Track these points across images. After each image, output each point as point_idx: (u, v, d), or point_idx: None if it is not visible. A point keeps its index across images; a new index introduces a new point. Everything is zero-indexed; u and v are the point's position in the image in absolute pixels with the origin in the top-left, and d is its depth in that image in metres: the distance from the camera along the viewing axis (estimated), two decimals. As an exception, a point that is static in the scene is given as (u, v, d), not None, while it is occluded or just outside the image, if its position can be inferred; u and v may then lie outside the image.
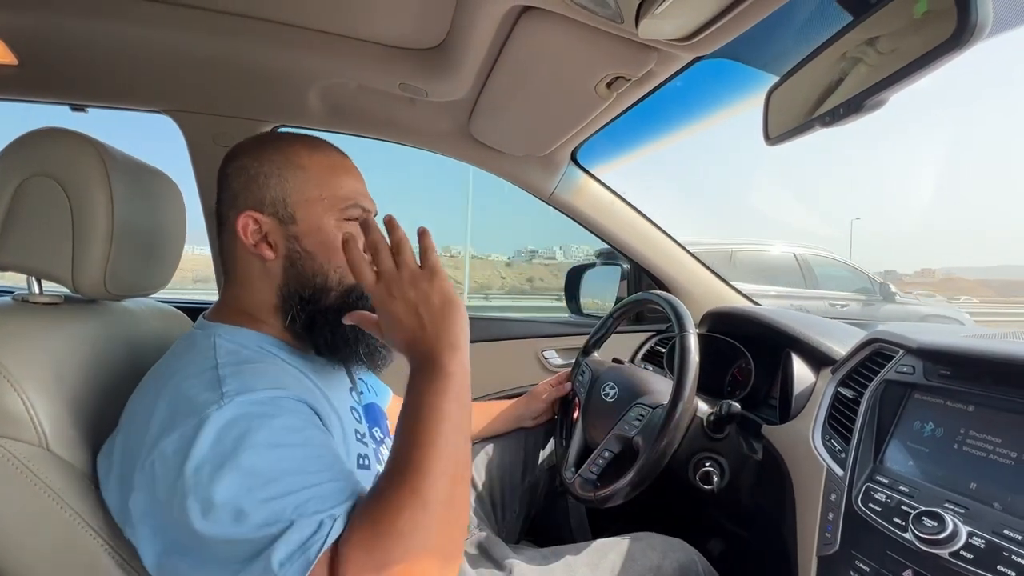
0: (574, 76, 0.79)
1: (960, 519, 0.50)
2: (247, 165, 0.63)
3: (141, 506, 0.51)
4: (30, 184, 0.61)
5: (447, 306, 0.54)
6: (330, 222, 0.63)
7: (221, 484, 0.45)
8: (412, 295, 0.54)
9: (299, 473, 0.48)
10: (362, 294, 0.64)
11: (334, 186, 0.63)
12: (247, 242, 0.62)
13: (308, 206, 0.62)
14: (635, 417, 0.86)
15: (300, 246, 0.62)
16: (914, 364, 0.65)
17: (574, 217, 1.36)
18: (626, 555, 0.80)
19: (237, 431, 0.48)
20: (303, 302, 0.62)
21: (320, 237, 0.62)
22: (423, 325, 0.54)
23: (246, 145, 0.66)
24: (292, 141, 0.65)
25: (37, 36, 0.87)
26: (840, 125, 0.54)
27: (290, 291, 0.63)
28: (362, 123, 1.18)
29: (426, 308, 0.54)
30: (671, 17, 0.57)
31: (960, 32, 0.39)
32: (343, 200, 0.64)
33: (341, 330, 0.63)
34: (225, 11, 0.83)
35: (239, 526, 0.45)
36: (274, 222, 0.62)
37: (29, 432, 0.55)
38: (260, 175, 0.62)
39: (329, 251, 0.62)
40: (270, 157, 0.63)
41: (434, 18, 0.79)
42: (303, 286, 0.62)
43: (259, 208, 0.62)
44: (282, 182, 0.62)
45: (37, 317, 0.62)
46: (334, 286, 0.63)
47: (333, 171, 0.64)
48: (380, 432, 0.77)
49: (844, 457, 0.67)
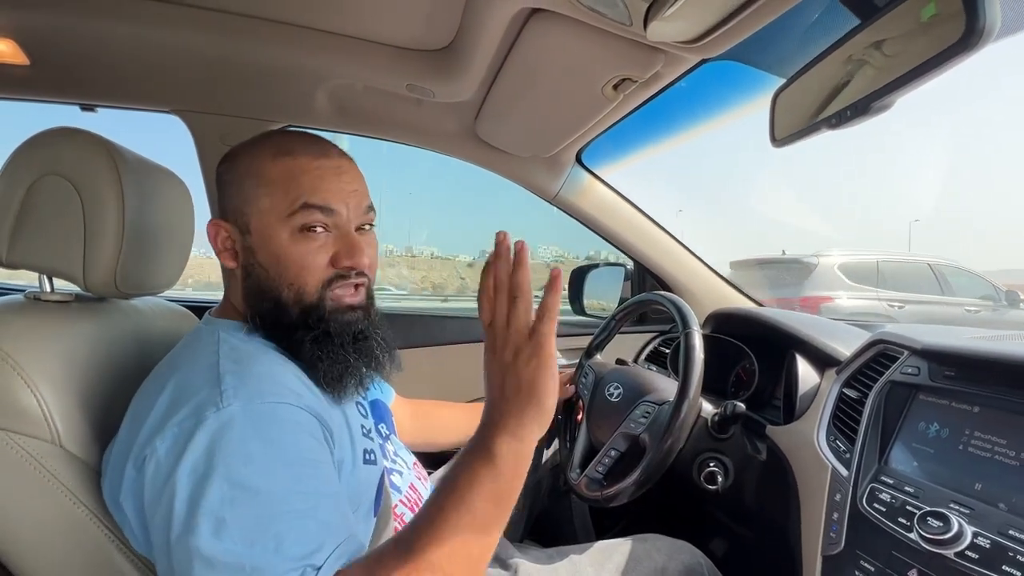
0: (581, 78, 0.80)
1: (965, 519, 0.51)
2: (221, 172, 0.63)
3: (131, 502, 0.51)
4: (42, 183, 0.62)
5: (531, 390, 0.48)
6: (282, 235, 0.58)
7: (209, 492, 0.45)
8: (508, 358, 0.49)
9: (287, 496, 0.47)
10: (325, 315, 0.60)
11: (283, 191, 0.58)
12: (214, 248, 0.62)
13: (260, 217, 0.59)
14: (641, 415, 0.86)
15: (255, 258, 0.60)
16: (919, 365, 0.66)
17: (578, 218, 1.36)
18: (631, 556, 0.80)
19: (232, 438, 0.47)
20: (262, 315, 0.60)
21: (271, 250, 0.59)
22: (502, 396, 0.49)
23: (231, 150, 0.64)
24: (265, 145, 0.61)
25: (48, 37, 0.87)
26: (847, 127, 0.55)
27: (251, 301, 0.61)
28: (368, 123, 1.19)
29: (512, 380, 0.49)
30: (680, 19, 0.57)
31: (968, 35, 0.39)
32: (290, 204, 0.58)
33: (299, 348, 0.59)
34: (234, 12, 0.84)
35: (218, 541, 0.44)
36: (236, 231, 0.61)
37: (42, 428, 0.56)
38: (227, 183, 0.62)
39: (281, 266, 0.58)
40: (236, 164, 0.61)
41: (443, 19, 0.80)
42: (261, 299, 0.60)
43: (224, 216, 0.62)
44: (241, 191, 0.60)
45: (49, 315, 0.63)
46: (291, 303, 0.59)
47: (290, 177, 0.58)
48: (386, 428, 0.77)
49: (849, 457, 0.67)
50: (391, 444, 0.76)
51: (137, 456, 0.50)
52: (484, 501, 0.48)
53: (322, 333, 0.59)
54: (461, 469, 0.49)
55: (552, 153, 1.18)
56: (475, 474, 0.48)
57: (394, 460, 0.74)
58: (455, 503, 0.47)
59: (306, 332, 0.59)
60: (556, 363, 0.50)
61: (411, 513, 0.70)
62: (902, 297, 4.61)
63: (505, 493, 0.49)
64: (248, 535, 0.44)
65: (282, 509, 0.46)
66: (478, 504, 0.47)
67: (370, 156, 1.22)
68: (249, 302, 0.61)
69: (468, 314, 1.47)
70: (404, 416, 0.91)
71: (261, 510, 0.45)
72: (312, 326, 0.59)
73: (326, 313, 0.60)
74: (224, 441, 0.47)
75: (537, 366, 0.48)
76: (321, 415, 0.55)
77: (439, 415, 1.02)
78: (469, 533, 0.47)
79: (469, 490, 0.48)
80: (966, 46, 0.40)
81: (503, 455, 0.48)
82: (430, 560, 0.45)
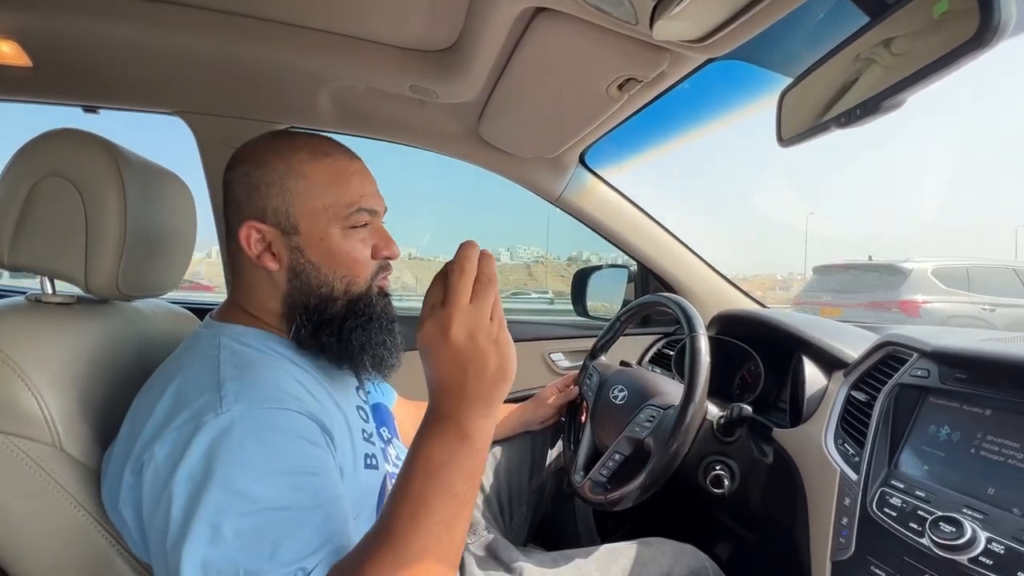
0: (586, 78, 0.79)
1: (978, 525, 0.50)
2: (249, 172, 0.61)
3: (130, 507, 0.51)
4: (44, 185, 0.62)
5: (501, 371, 0.49)
6: (335, 231, 0.61)
7: (206, 499, 0.45)
8: (464, 342, 0.48)
9: (284, 503, 0.46)
10: (373, 300, 0.64)
11: (337, 193, 0.61)
12: (250, 252, 0.60)
13: (311, 216, 0.60)
14: (646, 419, 0.85)
15: (304, 257, 0.61)
16: (929, 367, 0.65)
17: (581, 219, 1.36)
18: (636, 560, 0.80)
19: (230, 445, 0.47)
20: (308, 312, 0.61)
21: (325, 247, 0.61)
22: (466, 378, 0.48)
23: (248, 150, 0.63)
24: (296, 146, 0.62)
25: (51, 39, 0.87)
26: (856, 126, 0.54)
27: (295, 301, 0.61)
28: (372, 125, 1.19)
29: (477, 363, 0.48)
30: (686, 18, 0.56)
31: (983, 31, 0.38)
32: (346, 207, 0.61)
33: (348, 338, 0.62)
34: (237, 13, 0.83)
35: (214, 547, 0.44)
36: (277, 232, 0.60)
37: (43, 431, 0.55)
38: (262, 184, 0.60)
39: (334, 261, 0.61)
40: (272, 165, 0.61)
41: (446, 20, 0.79)
42: (308, 296, 0.61)
43: (261, 218, 0.60)
44: (284, 192, 0.60)
45: (50, 317, 0.63)
46: (340, 295, 0.62)
47: (337, 178, 0.62)
48: (388, 431, 0.77)
49: (858, 461, 0.66)
50: (393, 448, 0.76)
51: (136, 461, 0.49)
52: (464, 481, 0.48)
53: (369, 318, 0.63)
54: (434, 451, 0.48)
55: (556, 154, 1.18)
56: (455, 459, 0.48)
57: (396, 464, 0.74)
58: (436, 489, 0.47)
59: (355, 319, 0.62)
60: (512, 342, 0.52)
61: None
62: (993, 301, 4.75)
63: (478, 471, 0.50)
64: (244, 542, 0.44)
65: (279, 516, 0.46)
66: (459, 485, 0.48)
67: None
68: (291, 302, 0.62)
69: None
70: (406, 418, 0.91)
71: (258, 517, 0.45)
72: (360, 313, 0.62)
73: (374, 300, 0.64)
74: (222, 447, 0.46)
75: (503, 346, 0.50)
76: (322, 420, 0.55)
77: None
78: (452, 514, 0.47)
79: (454, 475, 0.48)
80: (980, 43, 0.39)
81: (478, 432, 0.49)
82: (418, 546, 0.45)
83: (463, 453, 0.48)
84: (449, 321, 0.48)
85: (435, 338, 0.49)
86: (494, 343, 0.49)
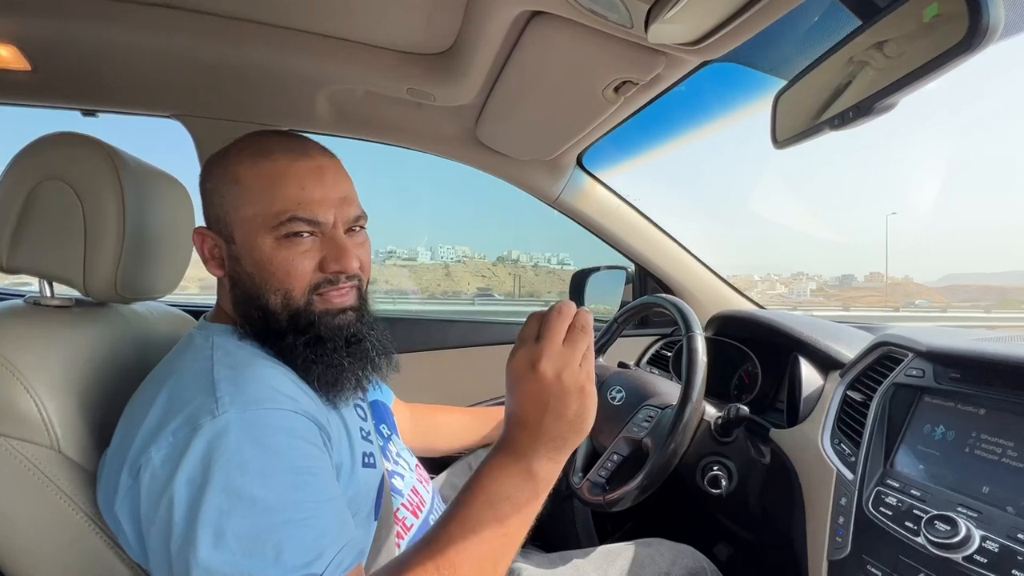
0: (582, 81, 0.80)
1: (973, 523, 0.50)
2: (203, 180, 0.63)
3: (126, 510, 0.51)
4: (43, 188, 0.62)
5: (579, 421, 0.50)
6: (266, 241, 0.57)
7: (207, 503, 0.44)
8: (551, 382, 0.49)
9: (284, 505, 0.46)
10: (312, 321, 0.58)
11: (268, 200, 0.57)
12: (202, 257, 0.62)
13: (243, 224, 0.58)
14: (644, 419, 0.85)
15: (240, 267, 0.59)
16: (924, 367, 0.65)
17: (579, 221, 1.36)
18: (635, 561, 0.80)
19: (228, 447, 0.46)
20: (252, 322, 0.59)
21: (255, 257, 0.58)
22: (542, 418, 0.49)
23: (210, 157, 0.63)
24: (240, 149, 0.60)
25: (50, 43, 0.87)
26: (849, 128, 0.54)
27: (240, 309, 0.61)
28: (369, 127, 1.19)
29: (557, 406, 0.49)
30: (681, 21, 0.57)
31: (971, 35, 0.39)
32: (276, 216, 0.56)
33: (291, 353, 0.58)
34: (235, 16, 0.84)
35: (217, 552, 0.44)
36: (220, 240, 0.60)
37: (41, 434, 0.55)
38: (207, 191, 0.61)
39: (265, 273, 0.57)
40: (213, 171, 0.61)
41: (443, 24, 0.80)
42: (249, 306, 0.59)
43: (208, 225, 0.62)
44: (222, 199, 0.59)
45: (49, 320, 0.63)
46: (278, 309, 0.58)
47: (271, 182, 0.57)
48: (387, 428, 0.77)
49: (854, 461, 0.66)
50: (393, 445, 0.76)
51: (132, 464, 0.49)
52: (520, 520, 0.48)
53: (313, 338, 0.58)
54: (497, 482, 0.49)
55: (553, 156, 1.18)
56: (514, 491, 0.48)
57: (396, 462, 0.74)
58: (492, 520, 0.47)
59: (297, 336, 0.58)
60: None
61: (413, 517, 0.70)
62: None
63: (536, 510, 0.50)
64: (247, 545, 0.44)
65: (280, 518, 0.45)
66: (513, 522, 0.48)
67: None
68: (238, 309, 0.61)
69: (469, 318, 1.47)
70: (404, 420, 0.91)
71: (259, 519, 0.45)
72: (302, 331, 0.58)
73: (315, 318, 0.59)
74: (220, 450, 0.46)
75: (586, 398, 0.50)
76: (318, 419, 0.54)
77: (439, 419, 1.01)
78: (500, 549, 0.48)
79: (508, 507, 0.48)
80: (969, 46, 0.39)
81: (543, 477, 0.49)
82: (463, 570, 0.46)
83: (525, 492, 0.49)
84: (540, 355, 0.49)
85: (523, 369, 0.50)
86: (579, 388, 0.50)
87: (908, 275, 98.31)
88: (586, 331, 0.51)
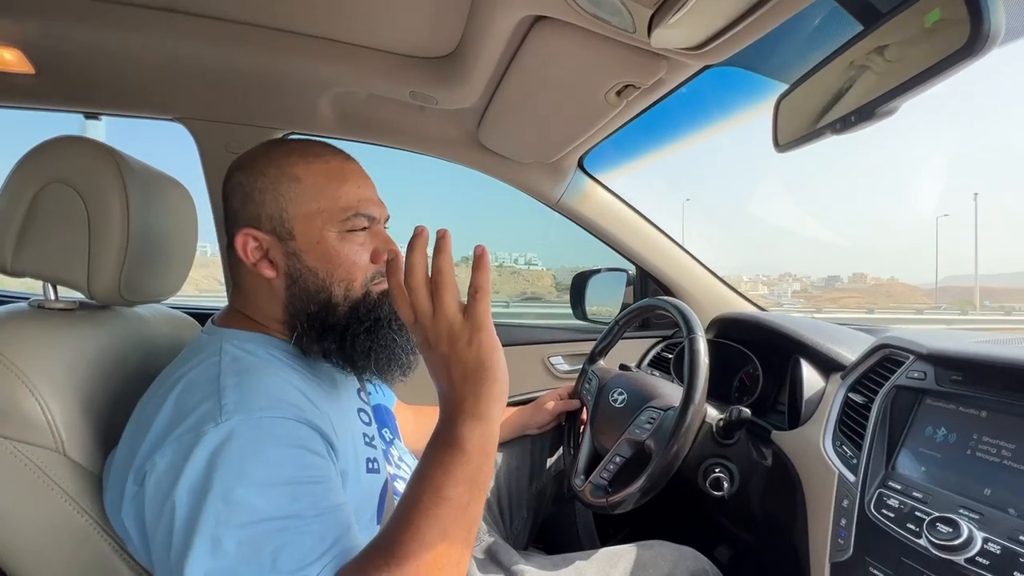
0: (585, 85, 0.80)
1: (975, 525, 0.50)
2: (243, 181, 0.61)
3: (132, 516, 0.51)
4: (48, 191, 0.62)
5: (481, 370, 0.49)
6: (331, 234, 0.60)
7: (206, 511, 0.44)
8: (444, 349, 0.49)
9: (284, 513, 0.46)
10: (374, 304, 0.62)
11: (332, 196, 0.60)
12: (247, 261, 0.61)
13: (306, 220, 0.60)
14: (646, 420, 0.86)
15: (301, 262, 0.60)
16: (925, 370, 0.66)
17: (580, 223, 1.36)
18: (637, 563, 0.80)
19: (230, 455, 0.46)
20: (310, 318, 0.60)
21: (321, 251, 0.60)
22: (452, 384, 0.50)
23: (243, 159, 0.64)
24: (287, 151, 0.62)
25: (53, 46, 0.88)
26: (851, 132, 0.55)
27: (296, 308, 0.61)
28: (372, 130, 1.19)
29: (458, 367, 0.49)
30: (683, 26, 0.57)
31: (973, 40, 0.39)
32: (343, 211, 0.60)
33: (351, 344, 0.61)
34: (238, 20, 0.84)
35: (214, 560, 0.44)
36: (273, 239, 0.60)
37: (46, 437, 0.55)
38: (255, 191, 0.60)
39: (332, 265, 0.60)
40: (264, 171, 0.61)
41: (446, 27, 0.80)
42: (308, 302, 0.60)
43: (256, 225, 0.60)
44: (277, 197, 0.60)
45: (53, 323, 0.63)
46: (340, 301, 0.61)
47: (330, 180, 0.61)
48: (390, 432, 0.77)
49: (856, 463, 0.67)
50: (395, 449, 0.76)
51: (138, 470, 0.49)
52: (457, 487, 0.48)
53: (373, 322, 0.62)
54: (430, 461, 0.49)
55: (555, 159, 1.18)
56: (445, 463, 0.48)
57: (398, 465, 0.74)
58: (431, 496, 0.47)
59: (359, 325, 0.61)
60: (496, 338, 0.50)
61: None
62: None
63: (477, 476, 0.49)
64: (244, 553, 0.44)
65: (279, 526, 0.45)
66: (449, 489, 0.47)
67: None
68: (292, 309, 0.61)
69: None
70: (406, 422, 0.91)
71: (257, 527, 0.45)
72: (363, 318, 0.61)
73: (374, 302, 0.62)
74: (222, 457, 0.46)
75: (479, 345, 0.49)
76: (322, 428, 0.54)
77: None
78: (448, 522, 0.47)
79: (443, 479, 0.48)
80: (971, 51, 0.40)
81: (469, 438, 0.49)
82: (414, 555, 0.45)
83: (453, 459, 0.48)
84: (424, 332, 0.50)
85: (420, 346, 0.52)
86: (466, 338, 0.49)
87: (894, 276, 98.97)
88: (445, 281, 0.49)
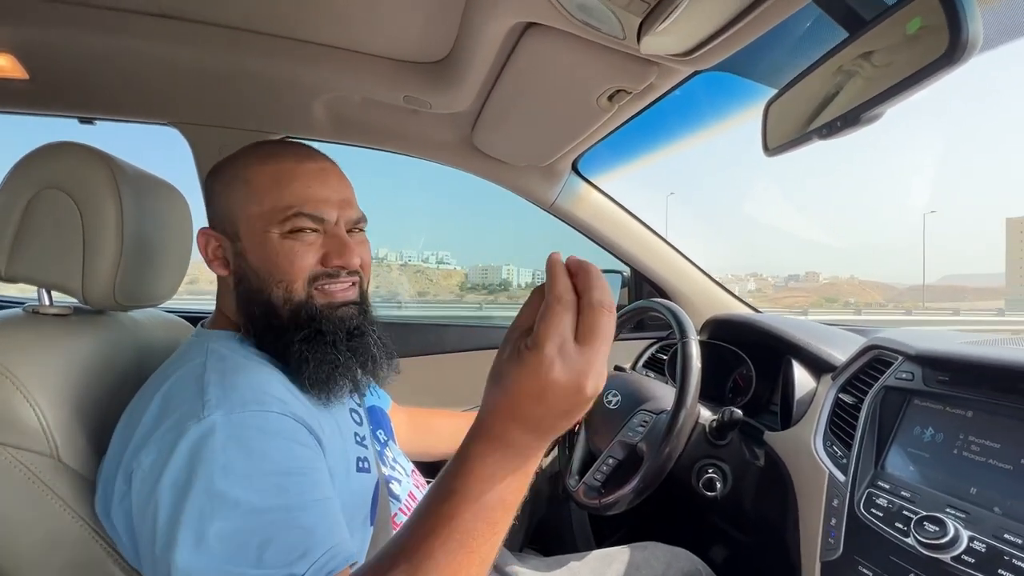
0: (576, 90, 0.81)
1: (961, 524, 0.51)
2: (209, 183, 0.65)
3: (121, 516, 0.51)
4: (42, 197, 0.62)
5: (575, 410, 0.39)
6: (273, 235, 0.59)
7: (189, 505, 0.44)
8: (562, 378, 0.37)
9: (268, 507, 0.45)
10: (313, 315, 0.59)
11: (275, 197, 0.59)
12: (205, 257, 0.64)
13: (250, 221, 0.60)
14: (639, 423, 0.86)
15: (246, 262, 0.61)
16: (913, 370, 0.66)
17: (575, 226, 1.37)
18: (630, 564, 0.81)
19: (212, 449, 0.46)
20: (256, 320, 0.61)
21: (262, 252, 0.60)
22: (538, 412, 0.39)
23: (217, 163, 0.66)
24: (249, 153, 0.63)
25: (47, 51, 0.88)
26: (837, 137, 0.56)
27: (245, 308, 0.62)
28: (366, 134, 1.20)
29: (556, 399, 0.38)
30: (672, 33, 0.58)
31: (952, 49, 0.40)
32: (283, 211, 0.59)
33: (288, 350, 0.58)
34: (231, 25, 0.84)
35: (198, 554, 0.43)
36: (224, 239, 0.63)
37: (40, 442, 0.55)
38: (214, 193, 0.64)
39: (271, 267, 0.59)
40: (222, 174, 0.63)
41: (439, 33, 0.81)
42: (253, 303, 0.61)
43: (212, 225, 0.64)
44: (227, 199, 0.62)
45: (47, 328, 0.63)
46: (280, 303, 0.59)
47: (278, 181, 0.60)
48: (384, 433, 0.77)
49: (846, 463, 0.67)
50: (389, 450, 0.76)
51: (126, 470, 0.50)
52: (508, 521, 0.42)
53: (313, 332, 0.59)
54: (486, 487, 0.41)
55: (548, 162, 1.19)
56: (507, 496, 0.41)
57: (393, 467, 0.74)
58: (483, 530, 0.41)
59: (296, 332, 0.58)
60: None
61: None
62: None
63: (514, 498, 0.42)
64: (228, 548, 0.43)
65: (264, 520, 0.45)
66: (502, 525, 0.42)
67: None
68: (242, 309, 0.62)
69: (465, 323, 1.48)
70: (401, 424, 0.91)
71: (241, 522, 0.44)
72: (302, 325, 0.59)
73: (317, 311, 0.60)
74: (204, 452, 0.46)
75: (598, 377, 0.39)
76: (308, 423, 0.54)
77: (436, 423, 1.02)
78: (487, 555, 0.42)
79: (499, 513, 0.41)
80: (951, 59, 0.41)
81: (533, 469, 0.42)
82: (444, 566, 0.40)
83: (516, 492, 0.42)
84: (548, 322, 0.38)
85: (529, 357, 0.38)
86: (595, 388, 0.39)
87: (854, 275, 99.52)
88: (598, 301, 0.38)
